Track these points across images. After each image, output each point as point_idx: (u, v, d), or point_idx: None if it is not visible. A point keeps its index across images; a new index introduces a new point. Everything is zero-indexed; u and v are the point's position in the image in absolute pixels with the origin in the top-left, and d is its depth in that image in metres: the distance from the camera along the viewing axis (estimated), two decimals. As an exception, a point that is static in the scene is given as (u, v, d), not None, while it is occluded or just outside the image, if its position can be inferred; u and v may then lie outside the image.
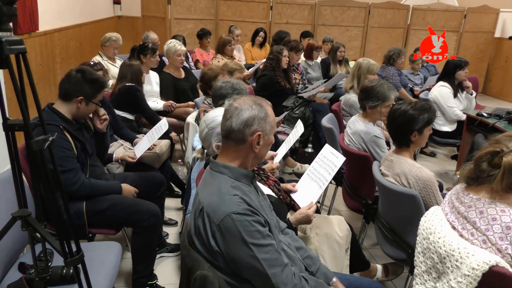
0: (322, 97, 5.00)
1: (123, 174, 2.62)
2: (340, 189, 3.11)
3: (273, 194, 2.04)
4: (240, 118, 1.41)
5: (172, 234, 2.93)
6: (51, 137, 1.21)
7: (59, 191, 1.33)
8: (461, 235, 1.50)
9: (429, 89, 4.68)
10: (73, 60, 5.34)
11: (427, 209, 1.74)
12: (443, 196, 2.05)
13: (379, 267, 2.47)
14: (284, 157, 3.71)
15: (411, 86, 5.43)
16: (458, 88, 4.26)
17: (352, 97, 3.59)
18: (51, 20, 4.69)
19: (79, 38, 5.72)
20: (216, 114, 1.92)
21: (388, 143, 2.76)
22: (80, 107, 2.17)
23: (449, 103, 4.16)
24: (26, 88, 1.22)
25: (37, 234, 1.35)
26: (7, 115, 1.26)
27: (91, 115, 2.37)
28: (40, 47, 4.37)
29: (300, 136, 4.21)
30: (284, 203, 2.09)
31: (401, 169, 2.14)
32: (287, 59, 4.34)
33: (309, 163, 2.29)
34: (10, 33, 1.13)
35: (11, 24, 1.15)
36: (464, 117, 4.03)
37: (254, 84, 4.66)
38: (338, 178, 3.00)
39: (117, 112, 3.33)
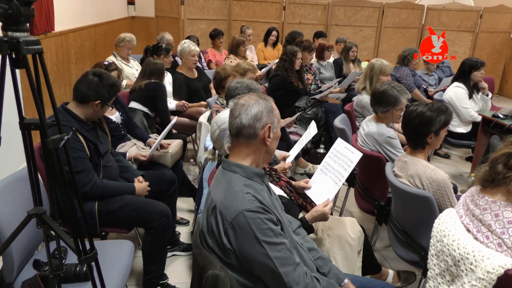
0: (335, 98, 4.98)
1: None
2: (352, 190, 3.09)
3: (285, 195, 2.04)
4: (249, 114, 1.43)
5: (183, 234, 2.95)
6: (66, 136, 1.22)
7: (73, 189, 1.34)
8: (476, 238, 1.47)
9: (443, 90, 4.62)
10: (87, 60, 5.41)
11: (441, 211, 1.71)
12: (458, 198, 2.02)
13: (391, 272, 2.45)
14: (296, 158, 3.70)
15: (425, 87, 5.37)
16: (473, 89, 4.20)
17: (364, 98, 3.56)
18: (66, 21, 4.75)
19: (94, 39, 5.79)
20: (227, 115, 1.92)
21: (403, 145, 2.74)
22: (96, 110, 2.20)
23: (464, 104, 4.10)
24: (42, 87, 1.24)
25: (52, 232, 1.37)
26: (23, 114, 1.28)
27: (109, 115, 2.39)
28: (55, 47, 4.43)
29: (312, 137, 4.21)
30: (295, 204, 2.08)
31: (415, 171, 2.12)
32: (301, 61, 4.32)
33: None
34: (28, 34, 1.15)
35: (28, 24, 1.17)
36: (479, 118, 3.97)
37: (266, 84, 4.66)
38: (350, 179, 2.98)
39: (138, 106, 3.38)
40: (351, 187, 3.09)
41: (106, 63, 3.04)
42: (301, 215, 2.00)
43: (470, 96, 4.15)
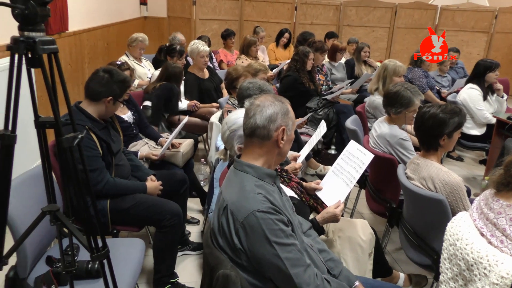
0: (346, 99, 4.96)
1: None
2: (363, 192, 3.07)
3: (296, 196, 2.04)
4: (264, 115, 1.43)
5: (194, 233, 2.96)
6: (80, 135, 1.24)
7: (86, 188, 1.36)
8: (490, 242, 1.45)
9: (457, 92, 4.57)
10: (100, 60, 5.46)
11: (454, 214, 1.69)
12: (471, 201, 2.00)
13: (402, 275, 2.43)
14: (307, 158, 3.70)
15: (438, 88, 5.31)
16: (488, 90, 4.14)
17: (376, 99, 3.54)
18: (80, 21, 4.81)
19: (107, 38, 5.85)
20: (238, 116, 1.92)
21: (416, 147, 2.71)
22: (108, 107, 2.22)
23: (478, 106, 4.05)
24: (57, 87, 1.26)
25: (65, 229, 1.39)
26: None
27: (121, 114, 2.41)
28: (69, 47, 4.49)
29: (324, 138, 4.20)
30: (306, 205, 2.08)
31: (427, 173, 2.10)
32: (312, 62, 4.32)
33: (332, 165, 2.26)
34: (43, 34, 1.17)
35: (43, 25, 1.19)
36: (494, 120, 3.91)
37: (277, 85, 4.66)
38: (361, 181, 2.96)
39: (150, 104, 3.43)
40: (363, 188, 3.07)
41: (119, 62, 3.07)
42: (312, 216, 2.00)
43: (485, 98, 4.10)
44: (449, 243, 1.57)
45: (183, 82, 4.13)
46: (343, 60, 5.53)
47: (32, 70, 1.22)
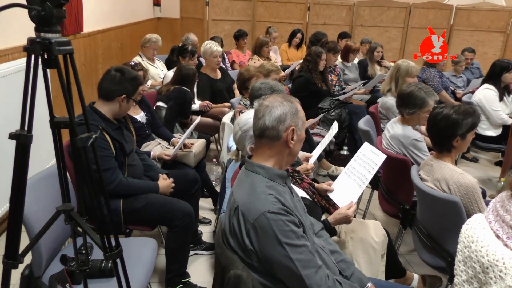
0: (359, 99, 4.93)
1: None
2: (376, 193, 3.05)
3: (308, 197, 2.03)
4: (273, 115, 1.43)
5: (205, 233, 2.97)
6: (94, 135, 1.25)
7: (100, 187, 1.37)
8: (506, 245, 1.43)
9: (472, 92, 4.51)
10: (114, 60, 5.52)
11: (468, 216, 1.67)
12: (486, 203, 1.97)
13: (416, 276, 2.40)
14: (319, 159, 3.68)
15: (453, 89, 5.25)
16: (504, 91, 4.08)
17: (389, 100, 3.51)
18: (94, 22, 4.87)
19: (121, 39, 5.91)
20: (249, 116, 1.92)
21: (430, 149, 2.68)
22: (122, 105, 2.25)
23: (494, 107, 3.99)
24: (72, 87, 1.28)
25: (79, 228, 1.41)
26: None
27: (134, 115, 2.43)
28: (84, 48, 4.55)
29: (336, 138, 4.18)
30: (318, 206, 2.07)
31: (441, 175, 2.07)
32: (325, 62, 4.30)
33: (344, 166, 2.25)
34: (59, 35, 1.19)
35: (59, 26, 1.21)
36: (510, 121, 3.85)
37: (290, 85, 4.65)
38: (374, 182, 2.94)
39: (164, 105, 3.48)
40: (375, 189, 3.04)
41: (133, 63, 3.10)
42: (323, 217, 1.99)
43: (501, 99, 4.04)
44: (464, 245, 1.54)
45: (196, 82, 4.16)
46: (356, 61, 5.50)
47: (48, 70, 1.23)
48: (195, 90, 4.10)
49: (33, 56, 1.17)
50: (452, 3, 7.81)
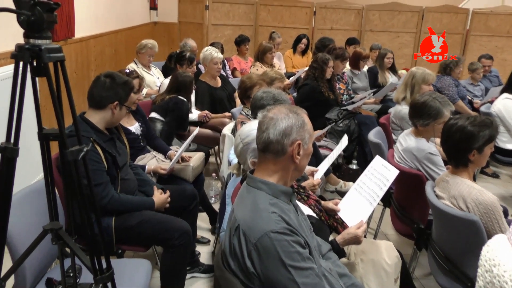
0: (369, 109, 4.93)
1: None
2: (388, 210, 3.03)
3: (314, 215, 2.02)
4: (278, 128, 1.42)
5: (204, 253, 2.95)
6: (86, 148, 1.26)
7: (91, 204, 1.37)
8: (530, 269, 1.41)
9: (491, 102, 4.51)
10: (107, 67, 5.57)
11: (489, 237, 1.66)
12: (508, 223, 1.95)
13: (432, 300, 2.38)
14: (326, 174, 3.67)
15: (470, 98, 5.25)
16: (525, 101, 4.07)
17: (403, 109, 3.51)
18: (87, 27, 4.92)
19: (115, 45, 5.96)
20: (252, 128, 1.93)
21: (446, 163, 2.68)
22: (115, 113, 2.25)
23: (515, 118, 3.98)
24: (62, 96, 1.28)
25: (67, 249, 1.40)
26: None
27: (128, 126, 2.43)
28: (75, 54, 4.59)
29: (344, 151, 4.18)
30: (325, 225, 2.06)
31: (458, 191, 2.06)
32: (332, 70, 4.31)
33: (354, 181, 2.24)
34: (49, 41, 1.20)
35: (49, 32, 1.22)
36: (532, 134, 3.84)
37: (294, 94, 4.66)
38: (386, 199, 2.93)
39: (158, 116, 3.48)
40: (387, 207, 3.03)
41: (127, 71, 3.11)
42: (331, 237, 1.98)
43: (522, 109, 4.03)
44: (485, 269, 1.53)
45: (193, 91, 4.18)
46: (365, 68, 5.52)
47: (37, 78, 1.24)
48: (192, 99, 4.12)
49: (21, 64, 1.18)
50: (468, 6, 7.86)
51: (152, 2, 8.08)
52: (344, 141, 2.88)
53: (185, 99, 3.61)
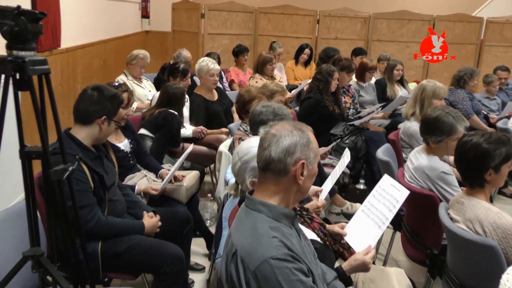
0: (377, 124, 4.95)
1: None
2: (398, 235, 3.02)
3: (318, 239, 2.01)
4: (280, 146, 1.43)
5: (198, 282, 2.93)
6: (71, 167, 1.26)
7: (76, 228, 1.37)
8: (554, 299, 1.40)
9: (508, 117, 4.54)
10: (95, 79, 5.60)
11: (509, 264, 1.65)
12: (529, 248, 1.95)
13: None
14: (331, 194, 3.67)
15: (485, 113, 5.28)
16: (545, 116, 4.10)
17: (412, 126, 3.52)
18: (73, 36, 4.97)
19: (103, 56, 6.01)
20: (251, 145, 1.94)
21: (461, 183, 2.68)
22: (103, 128, 2.26)
23: (534, 134, 4.00)
24: (46, 111, 1.29)
25: (48, 277, 1.39)
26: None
27: (117, 143, 2.43)
28: (61, 65, 4.62)
29: (351, 170, 4.18)
30: (331, 251, 2.05)
31: (474, 214, 2.06)
32: (337, 82, 4.34)
33: (361, 202, 2.24)
34: (34, 53, 1.21)
35: (34, 43, 1.23)
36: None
37: (297, 108, 4.69)
38: (396, 222, 2.92)
39: (148, 133, 3.50)
40: (397, 231, 3.02)
41: (116, 83, 3.13)
42: (337, 264, 1.97)
43: (542, 125, 4.05)
44: (504, 300, 1.52)
45: (188, 104, 4.19)
46: (373, 81, 5.56)
47: (19, 92, 1.25)
48: (186, 113, 4.13)
49: (3, 77, 1.19)
50: (482, 15, 7.96)
51: (144, 9, 8.18)
52: (347, 155, 2.88)
53: (176, 113, 3.62)
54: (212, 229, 3.33)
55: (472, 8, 8.58)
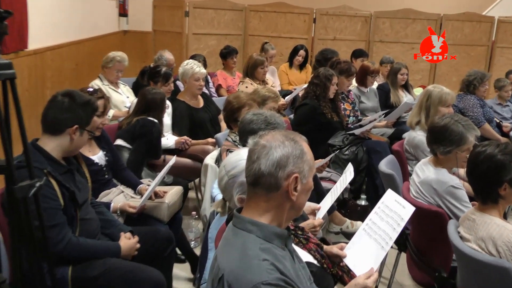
0: (380, 134, 4.97)
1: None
2: (403, 255, 3.03)
3: (315, 262, 2.01)
4: (271, 159, 1.43)
5: (181, 310, 2.91)
6: (38, 183, 1.25)
7: (43, 250, 1.36)
8: None
9: (523, 125, 4.58)
10: (67, 85, 5.57)
11: (524, 287, 1.66)
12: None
13: None
14: (330, 212, 3.67)
15: (498, 121, 5.32)
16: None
17: (418, 136, 3.55)
18: (43, 36, 4.95)
19: (76, 58, 5.99)
20: (240, 158, 1.94)
21: (472, 198, 2.69)
22: (75, 139, 2.25)
23: (551, 144, 4.05)
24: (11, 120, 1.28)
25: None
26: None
27: (90, 155, 2.42)
28: (28, 69, 4.59)
29: (352, 185, 4.19)
30: (329, 274, 2.05)
31: (486, 232, 2.07)
32: (336, 87, 4.36)
33: (362, 220, 2.25)
34: (-3, 55, 1.21)
35: (-2, 44, 1.23)
36: None
37: (291, 116, 4.70)
38: (401, 241, 2.93)
39: (125, 144, 3.49)
40: (403, 251, 3.03)
41: (91, 89, 3.13)
42: (336, 288, 1.97)
43: (559, 134, 4.10)
44: (519, 327, 1.53)
45: (170, 112, 4.19)
46: (375, 85, 5.60)
47: (-20, 100, 1.25)
48: (168, 122, 4.13)
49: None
50: (493, 14, 8.04)
51: (122, 7, 8.18)
52: (350, 170, 2.89)
53: (156, 120, 3.61)
54: (197, 251, 3.32)
55: (482, 6, 8.67)
